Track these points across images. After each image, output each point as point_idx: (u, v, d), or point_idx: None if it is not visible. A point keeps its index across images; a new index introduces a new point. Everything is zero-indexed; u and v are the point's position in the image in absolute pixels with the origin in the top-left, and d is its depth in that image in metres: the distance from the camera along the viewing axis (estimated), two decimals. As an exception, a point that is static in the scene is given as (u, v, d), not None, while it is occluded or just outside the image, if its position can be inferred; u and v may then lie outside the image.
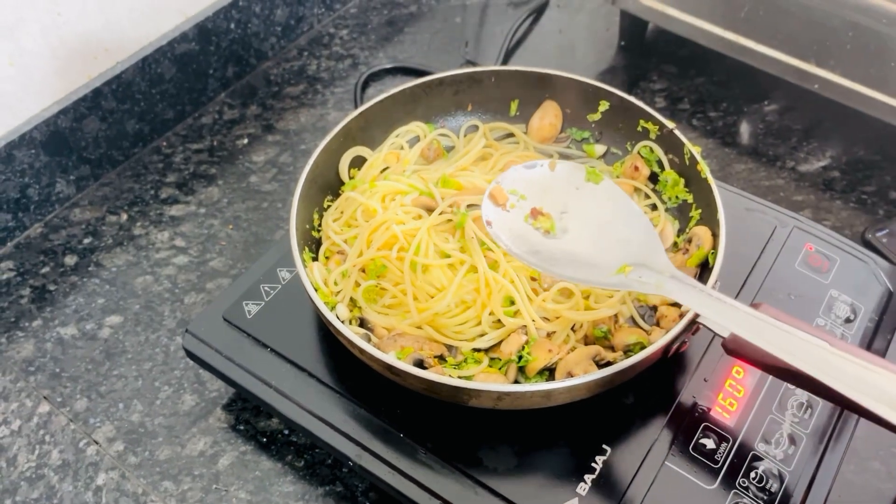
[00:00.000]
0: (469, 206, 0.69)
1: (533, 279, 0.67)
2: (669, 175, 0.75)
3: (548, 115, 0.81)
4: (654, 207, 0.75)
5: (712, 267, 0.63)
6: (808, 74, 0.90)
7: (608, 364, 0.60)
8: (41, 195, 0.90)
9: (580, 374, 0.60)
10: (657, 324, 0.67)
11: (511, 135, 0.82)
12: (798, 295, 0.71)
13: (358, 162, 0.78)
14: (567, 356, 0.63)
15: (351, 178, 0.77)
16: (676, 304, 0.67)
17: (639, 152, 0.77)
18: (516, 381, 0.64)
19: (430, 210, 0.70)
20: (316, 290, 0.64)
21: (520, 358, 0.63)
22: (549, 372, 0.64)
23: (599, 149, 0.81)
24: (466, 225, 0.67)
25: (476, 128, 0.82)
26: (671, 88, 1.03)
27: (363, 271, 0.69)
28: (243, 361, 0.68)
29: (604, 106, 0.79)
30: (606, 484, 0.59)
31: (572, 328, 0.66)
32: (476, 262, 0.66)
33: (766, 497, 0.59)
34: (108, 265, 0.86)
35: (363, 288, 0.67)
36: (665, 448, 0.61)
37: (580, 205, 0.67)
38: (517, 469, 0.61)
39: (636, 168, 0.76)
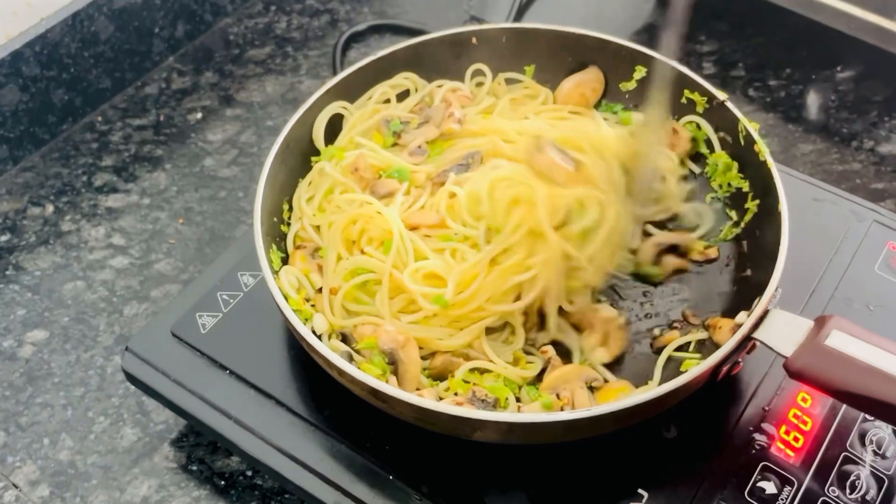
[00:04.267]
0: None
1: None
2: (720, 157, 0.75)
3: (585, 84, 0.81)
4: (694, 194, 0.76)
5: (773, 270, 0.63)
6: (889, 34, 0.90)
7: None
8: (-52, 182, 0.90)
9: (568, 396, 0.62)
10: (710, 339, 0.67)
11: None
12: (879, 305, 0.71)
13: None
14: (554, 371, 0.65)
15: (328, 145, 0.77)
16: (729, 316, 0.68)
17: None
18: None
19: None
20: (286, 299, 0.64)
21: None
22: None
23: (638, 119, 0.81)
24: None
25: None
26: (722, 51, 1.04)
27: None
28: (196, 387, 0.68)
29: (640, 73, 0.79)
30: (642, 537, 0.60)
31: None
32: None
33: (838, 553, 0.59)
34: (29, 268, 0.87)
35: (344, 290, 0.68)
36: (715, 493, 0.61)
37: None
38: (533, 518, 0.61)
39: (674, 132, 0.76)
